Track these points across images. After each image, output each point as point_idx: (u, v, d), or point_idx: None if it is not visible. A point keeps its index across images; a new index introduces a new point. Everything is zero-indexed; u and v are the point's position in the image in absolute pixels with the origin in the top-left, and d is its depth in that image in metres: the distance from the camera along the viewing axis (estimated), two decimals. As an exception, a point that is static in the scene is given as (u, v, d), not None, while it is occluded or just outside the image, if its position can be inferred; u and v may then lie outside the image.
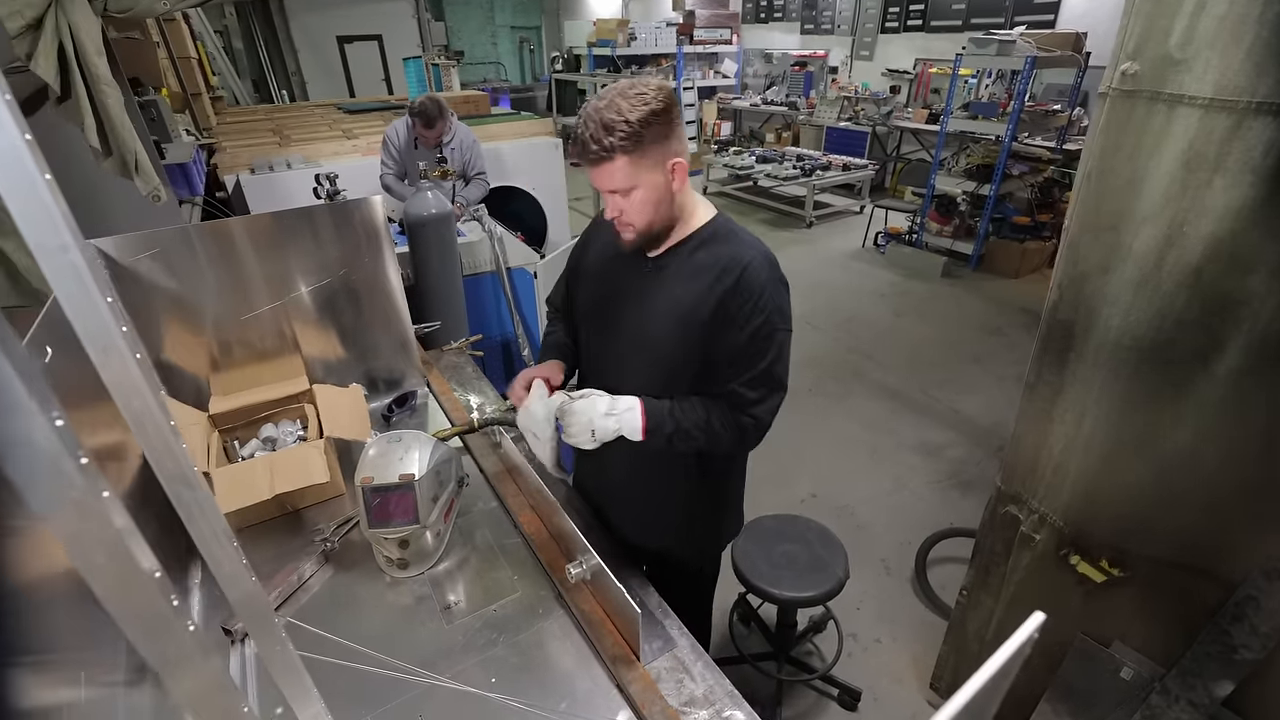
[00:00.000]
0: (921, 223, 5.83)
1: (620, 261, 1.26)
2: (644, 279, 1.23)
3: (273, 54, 9.51)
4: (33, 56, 1.74)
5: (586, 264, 1.37)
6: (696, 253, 1.19)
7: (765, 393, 1.18)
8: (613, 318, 1.29)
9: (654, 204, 1.11)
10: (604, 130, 1.02)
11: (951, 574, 2.49)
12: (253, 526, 1.50)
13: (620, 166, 1.05)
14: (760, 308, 1.13)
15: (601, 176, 1.08)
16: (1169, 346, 1.17)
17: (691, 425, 1.18)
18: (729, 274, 1.14)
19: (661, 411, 1.19)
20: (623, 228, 1.15)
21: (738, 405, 1.18)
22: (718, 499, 1.44)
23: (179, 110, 4.20)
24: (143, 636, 0.45)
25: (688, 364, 1.21)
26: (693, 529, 1.44)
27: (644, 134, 1.03)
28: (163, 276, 1.58)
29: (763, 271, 1.14)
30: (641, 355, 1.24)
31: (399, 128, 3.40)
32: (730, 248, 1.17)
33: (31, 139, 0.48)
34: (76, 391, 0.96)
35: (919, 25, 7.09)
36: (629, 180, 1.07)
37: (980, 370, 4.01)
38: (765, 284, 1.14)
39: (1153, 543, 1.32)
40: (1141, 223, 1.16)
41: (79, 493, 0.38)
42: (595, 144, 1.03)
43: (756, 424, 1.19)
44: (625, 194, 1.09)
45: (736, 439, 1.20)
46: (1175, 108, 1.09)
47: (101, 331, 0.54)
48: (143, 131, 2.07)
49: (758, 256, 1.16)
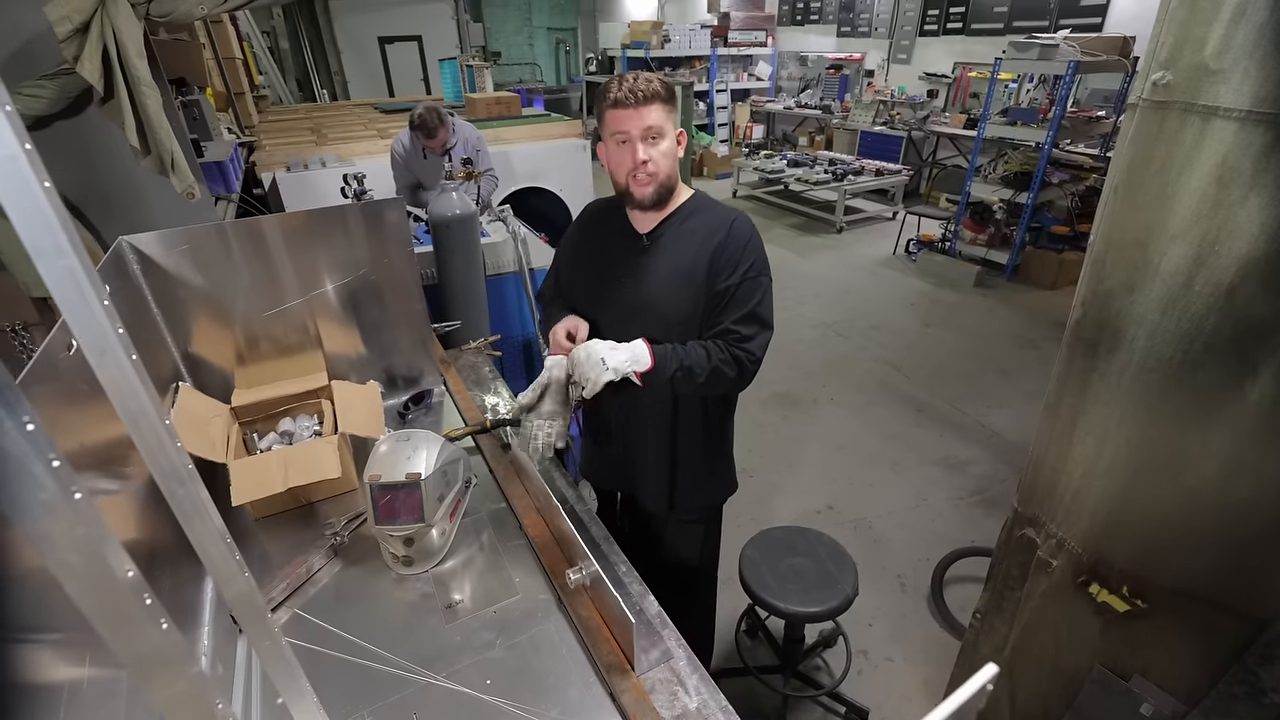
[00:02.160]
0: (955, 230, 5.70)
1: (615, 244, 1.43)
2: (642, 253, 1.39)
3: (317, 54, 9.77)
4: (79, 59, 1.81)
5: (583, 253, 1.52)
6: (687, 222, 1.37)
7: (756, 329, 1.33)
8: (614, 291, 1.42)
9: (671, 158, 1.30)
10: (645, 81, 1.23)
11: (970, 594, 2.42)
12: (269, 517, 1.54)
13: (658, 109, 1.24)
14: (748, 254, 1.33)
15: (644, 115, 1.23)
16: (1197, 371, 1.12)
17: (693, 362, 1.31)
18: (719, 230, 1.34)
19: (665, 349, 1.33)
20: (645, 179, 1.29)
21: (733, 341, 1.32)
22: (715, 449, 1.56)
23: (222, 109, 4.33)
24: (115, 636, 0.46)
25: (691, 317, 1.36)
26: (696, 482, 1.56)
27: (671, 95, 1.27)
28: (194, 272, 1.63)
29: (746, 226, 1.36)
30: (645, 318, 1.38)
31: (404, 139, 3.46)
32: (715, 213, 1.38)
33: (31, 148, 0.50)
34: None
35: (959, 28, 6.94)
36: (663, 123, 1.26)
37: (1010, 384, 3.90)
38: (750, 236, 1.35)
39: (1176, 575, 1.26)
40: (1171, 240, 1.11)
41: (49, 494, 0.40)
42: (644, 86, 1.22)
43: (751, 358, 1.33)
44: (655, 140, 1.26)
45: (735, 375, 1.33)
46: (1209, 120, 1.04)
47: (98, 334, 0.56)
48: (180, 131, 2.14)
49: (739, 216, 1.37)
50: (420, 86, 10.14)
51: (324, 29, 9.62)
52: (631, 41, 9.43)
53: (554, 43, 12.70)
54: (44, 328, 2.02)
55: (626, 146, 1.27)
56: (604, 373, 1.28)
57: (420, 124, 3.23)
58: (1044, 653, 1.50)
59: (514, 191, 4.29)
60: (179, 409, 1.48)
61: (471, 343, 2.27)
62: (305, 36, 9.63)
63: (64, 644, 0.82)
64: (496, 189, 3.76)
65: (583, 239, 1.53)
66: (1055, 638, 1.47)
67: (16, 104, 1.93)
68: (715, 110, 9.49)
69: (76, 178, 2.12)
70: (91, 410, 1.07)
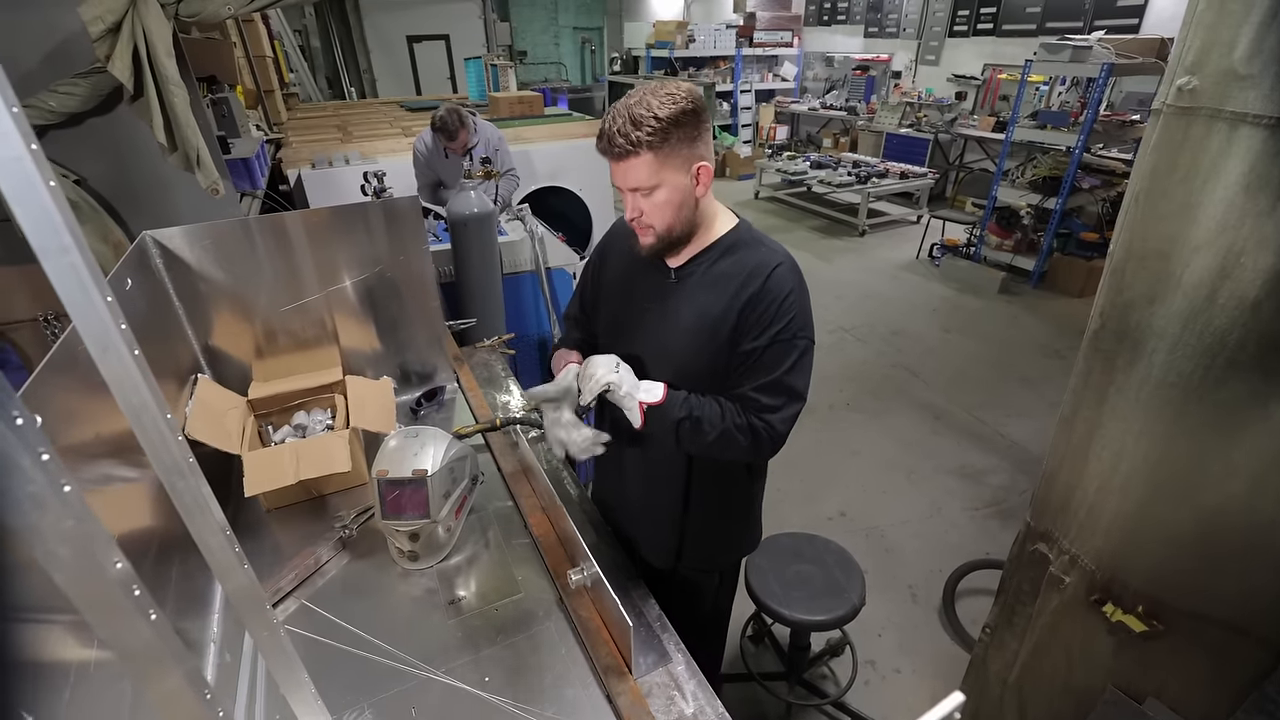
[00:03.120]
0: (981, 235, 5.60)
1: (641, 274, 1.24)
2: (666, 290, 1.21)
3: (346, 52, 9.92)
4: (110, 58, 1.87)
5: (606, 277, 1.35)
6: (720, 261, 1.17)
7: (782, 401, 1.14)
8: (634, 330, 1.26)
9: (675, 206, 1.09)
10: (632, 125, 1.01)
11: (982, 607, 2.37)
12: (281, 509, 1.56)
13: (645, 163, 1.03)
14: (783, 312, 1.12)
15: (625, 173, 1.06)
16: (1219, 387, 1.09)
17: (705, 416, 1.13)
18: (754, 279, 1.12)
19: (678, 397, 1.15)
20: (642, 230, 1.13)
21: (752, 410, 1.14)
22: (732, 510, 1.40)
23: (251, 106, 4.42)
24: (103, 626, 0.47)
25: (712, 373, 1.18)
26: (706, 539, 1.41)
27: (671, 133, 1.02)
28: (216, 266, 1.66)
29: (788, 278, 1.13)
30: (665, 366, 1.21)
31: (426, 139, 3.49)
32: (754, 254, 1.16)
33: (37, 148, 0.51)
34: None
35: (989, 29, 6.81)
36: (652, 178, 1.05)
37: (1032, 394, 3.82)
38: (790, 290, 1.12)
39: (1194, 597, 1.23)
40: (1194, 251, 1.08)
41: (37, 487, 0.40)
42: (621, 138, 1.02)
43: (770, 431, 1.14)
44: (647, 193, 1.07)
45: (749, 445, 1.15)
46: (1237, 127, 1.01)
47: (101, 330, 0.57)
48: (207, 128, 2.19)
49: (783, 263, 1.14)
50: (447, 85, 10.24)
51: (354, 27, 9.77)
52: (656, 41, 9.43)
53: (580, 42, 12.74)
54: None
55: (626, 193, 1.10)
56: (609, 374, 1.14)
57: (441, 126, 3.26)
58: (1055, 671, 1.47)
59: (533, 191, 4.31)
60: (197, 400, 1.51)
61: (486, 340, 2.29)
62: (336, 35, 9.79)
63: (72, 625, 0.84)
64: (518, 188, 3.79)
65: (609, 260, 1.34)
66: (1067, 656, 1.43)
67: (51, 100, 1.99)
68: (739, 111, 9.45)
69: (107, 173, 2.18)
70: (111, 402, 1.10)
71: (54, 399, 0.95)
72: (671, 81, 1.07)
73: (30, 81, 1.94)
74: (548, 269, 3.29)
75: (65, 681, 0.80)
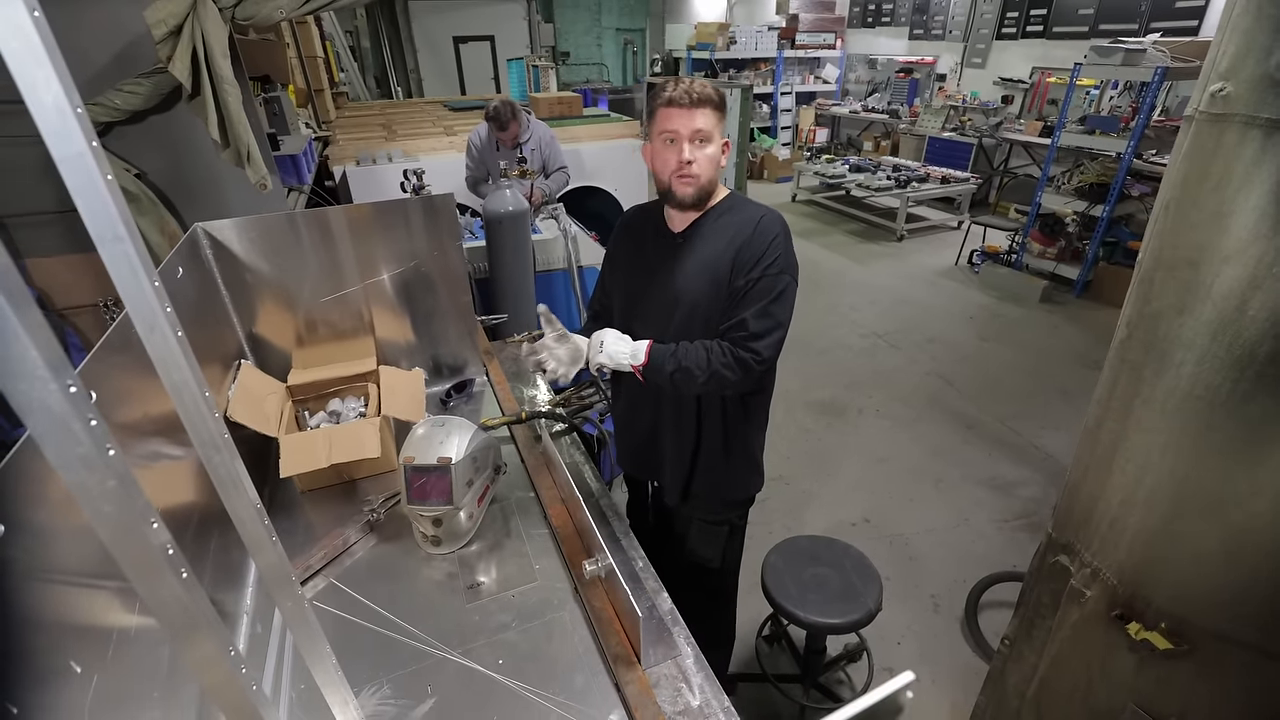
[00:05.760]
0: (1023, 242, 5.46)
1: (651, 243, 1.48)
2: (673, 250, 1.43)
3: (395, 53, 10.18)
4: (171, 59, 1.98)
5: (619, 259, 1.58)
6: (718, 220, 1.40)
7: (769, 325, 1.33)
8: (648, 287, 1.47)
9: (714, 163, 1.34)
10: (699, 86, 1.27)
11: (1006, 620, 2.31)
12: (315, 491, 1.64)
13: (709, 114, 1.29)
14: (772, 250, 1.34)
15: (695, 117, 1.28)
16: (1249, 402, 1.06)
17: (692, 364, 1.34)
18: (746, 227, 1.36)
19: (664, 349, 1.37)
20: (687, 179, 1.33)
21: (741, 337, 1.33)
22: (737, 446, 1.57)
23: (302, 105, 4.58)
24: (140, 580, 0.52)
25: (714, 308, 1.39)
26: (716, 473, 1.58)
27: (720, 105, 1.31)
28: (262, 258, 1.74)
29: (775, 224, 1.37)
30: (674, 311, 1.42)
31: (480, 131, 3.58)
32: (745, 211, 1.40)
33: (97, 145, 0.56)
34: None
35: (1039, 31, 6.62)
36: (711, 129, 1.30)
37: (1070, 406, 3.70)
38: (777, 233, 1.35)
39: (1220, 617, 1.19)
40: (1225, 261, 1.05)
41: (85, 449, 0.45)
42: (695, 91, 1.27)
43: (757, 359, 1.33)
44: (704, 142, 1.30)
45: (739, 378, 1.34)
46: (1273, 134, 0.98)
47: (148, 311, 0.63)
48: (258, 126, 2.29)
49: (769, 213, 1.39)
50: (491, 85, 10.42)
51: (403, 28, 10.02)
52: (697, 43, 9.42)
53: (622, 44, 12.80)
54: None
55: (674, 146, 1.31)
56: (598, 355, 1.40)
57: (494, 115, 3.35)
58: (1074, 687, 1.44)
59: (570, 191, 4.38)
60: (239, 385, 1.59)
61: (516, 336, 2.35)
62: (385, 35, 10.06)
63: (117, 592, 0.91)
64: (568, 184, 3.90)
65: (622, 243, 1.59)
66: (1086, 672, 1.40)
67: (117, 99, 2.12)
68: (778, 113, 9.38)
69: (165, 168, 2.30)
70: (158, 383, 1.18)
71: (108, 377, 1.03)
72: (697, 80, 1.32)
73: (100, 80, 2.07)
74: (580, 267, 3.34)
75: (108, 642, 0.87)
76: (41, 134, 0.52)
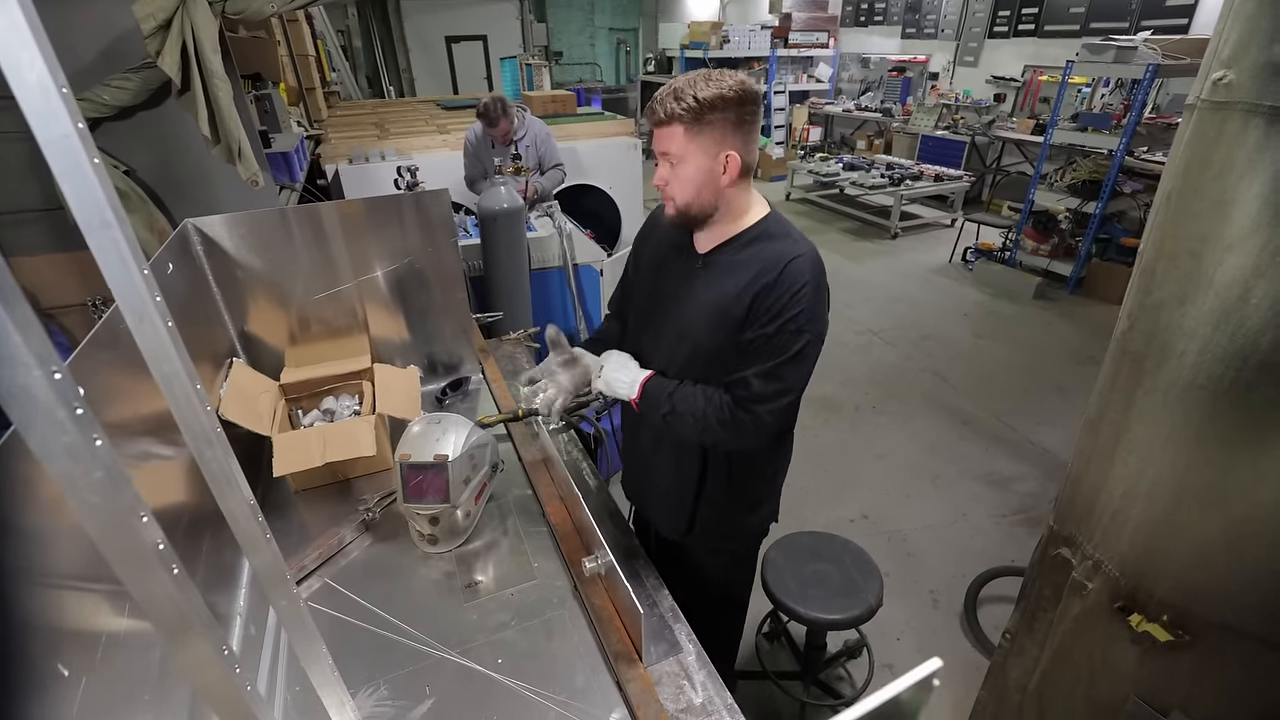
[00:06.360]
0: (1016, 239, 5.48)
1: (673, 258, 1.32)
2: (692, 274, 1.27)
3: (387, 52, 10.14)
4: (160, 54, 1.95)
5: (644, 262, 1.42)
6: (744, 250, 1.21)
7: (775, 390, 1.17)
8: (661, 311, 1.33)
9: (696, 185, 1.15)
10: (673, 98, 1.09)
11: (1005, 614, 2.29)
12: (309, 490, 1.61)
13: (676, 134, 1.11)
14: (796, 302, 1.14)
15: (661, 136, 1.14)
16: (1251, 391, 1.05)
17: (686, 410, 1.22)
18: (771, 269, 1.15)
19: (662, 386, 1.27)
20: (666, 199, 1.20)
21: (743, 398, 1.18)
22: (741, 489, 1.43)
23: (294, 103, 4.55)
24: (129, 575, 0.50)
25: (723, 355, 1.22)
26: (714, 516, 1.45)
27: (706, 114, 1.09)
28: (253, 254, 1.71)
29: (804, 272, 1.15)
30: (683, 346, 1.28)
31: (476, 129, 3.56)
32: (777, 245, 1.19)
33: (83, 127, 0.54)
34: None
35: (1031, 30, 6.65)
36: (680, 150, 1.12)
37: (1064, 401, 3.71)
38: (804, 284, 1.14)
39: (1223, 608, 1.19)
40: (1227, 249, 1.04)
41: (71, 438, 0.43)
42: (661, 107, 1.11)
43: (756, 422, 1.18)
44: (674, 164, 1.14)
45: (731, 434, 1.21)
46: (1275, 122, 0.98)
47: (137, 301, 0.61)
48: (248, 122, 2.27)
49: (803, 255, 1.16)
50: (484, 84, 10.39)
51: (395, 28, 9.97)
52: (690, 42, 9.42)
53: (615, 43, 12.79)
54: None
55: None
56: (596, 380, 1.33)
57: (484, 112, 3.33)
58: (1076, 680, 1.43)
59: (565, 189, 4.37)
60: (231, 383, 1.57)
61: (512, 334, 2.33)
62: (377, 35, 10.01)
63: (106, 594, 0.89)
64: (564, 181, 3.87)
65: (649, 245, 1.42)
66: (1089, 664, 1.40)
67: (105, 94, 2.09)
68: (772, 112, 9.39)
69: (154, 164, 2.27)
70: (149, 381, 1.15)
71: (96, 374, 1.00)
72: (729, 72, 1.12)
73: (86, 76, 2.04)
74: (575, 265, 3.33)
75: (97, 645, 0.85)
76: (26, 116, 0.50)
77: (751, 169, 1.19)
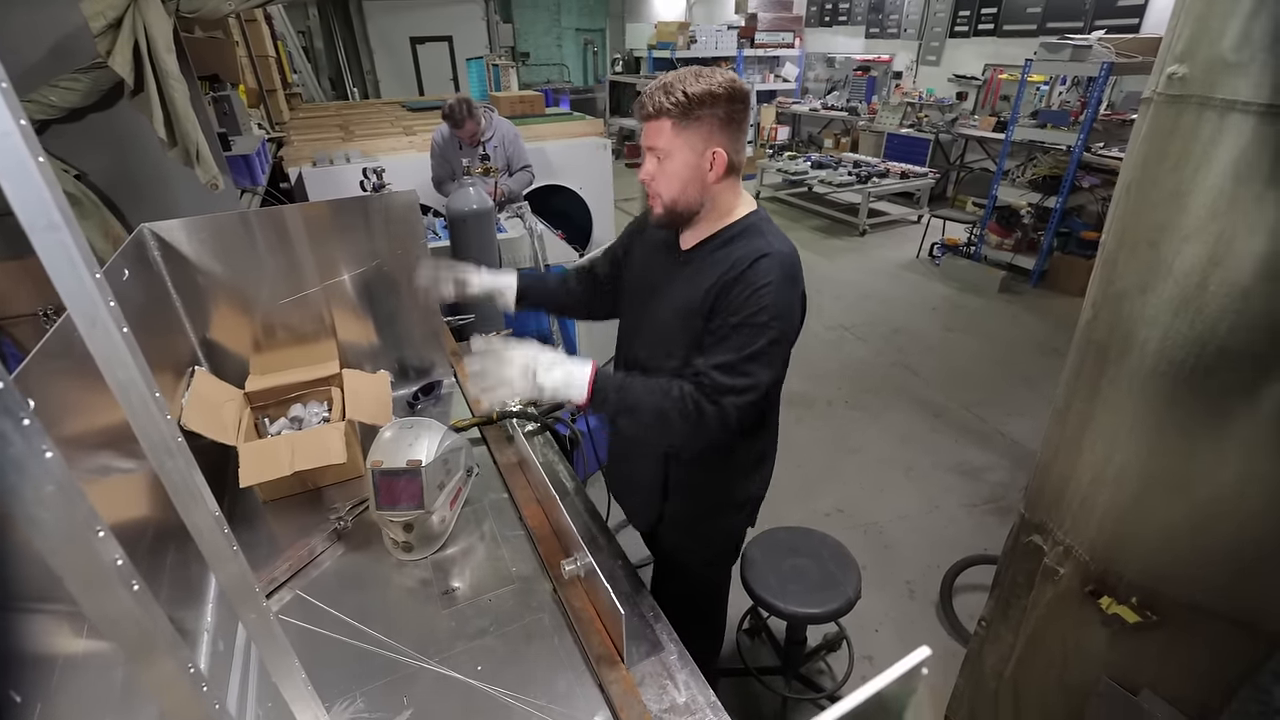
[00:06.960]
0: (981, 234, 5.60)
1: (660, 252, 1.32)
2: (673, 270, 1.27)
3: (350, 53, 9.95)
4: (111, 53, 1.88)
5: (635, 250, 1.43)
6: (722, 247, 1.20)
7: (742, 384, 1.12)
8: (642, 304, 1.34)
9: (682, 181, 1.15)
10: (663, 93, 1.10)
11: (980, 602, 2.34)
12: (277, 501, 1.57)
13: (664, 128, 1.12)
14: (758, 298, 1.11)
15: (647, 132, 1.15)
16: (1210, 376, 1.09)
17: (637, 405, 1.15)
18: (737, 266, 1.14)
19: (610, 383, 1.17)
20: (652, 196, 1.20)
21: (706, 389, 1.13)
22: (712, 489, 1.41)
23: (254, 105, 4.43)
24: (85, 594, 0.47)
25: (694, 351, 1.20)
26: (687, 515, 1.45)
27: (694, 110, 1.09)
28: (214, 259, 1.66)
29: (774, 269, 1.13)
30: (659, 340, 1.29)
31: (443, 130, 3.52)
32: (753, 242, 1.17)
33: (26, 124, 0.51)
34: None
35: (990, 29, 6.81)
36: (667, 145, 1.13)
37: (1032, 392, 3.81)
38: (769, 281, 1.12)
39: (1188, 588, 1.22)
40: (1184, 239, 1.08)
41: (17, 450, 0.41)
42: (650, 101, 1.11)
43: (720, 414, 1.12)
44: (661, 158, 1.14)
45: (693, 428, 1.13)
46: (1226, 115, 1.01)
47: (88, 304, 0.58)
48: (206, 124, 2.20)
49: (775, 254, 1.14)
50: (450, 85, 10.26)
51: (357, 28, 9.79)
52: (658, 42, 9.45)
53: (582, 44, 12.76)
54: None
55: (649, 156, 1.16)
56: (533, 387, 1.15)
57: (449, 114, 3.29)
58: (1050, 664, 1.47)
59: (534, 190, 4.34)
60: (193, 393, 1.52)
61: (481, 336, 2.29)
62: (339, 36, 9.82)
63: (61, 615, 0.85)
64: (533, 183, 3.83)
65: (642, 236, 1.41)
66: (1062, 648, 1.43)
67: (53, 95, 2.01)
68: (742, 111, 9.45)
69: (108, 168, 2.19)
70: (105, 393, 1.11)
71: (48, 384, 0.96)
72: (719, 69, 1.13)
73: (32, 77, 1.96)
74: (547, 266, 3.30)
75: (53, 667, 0.81)
76: (-40, 111, 0.47)
77: (739, 167, 1.19)
